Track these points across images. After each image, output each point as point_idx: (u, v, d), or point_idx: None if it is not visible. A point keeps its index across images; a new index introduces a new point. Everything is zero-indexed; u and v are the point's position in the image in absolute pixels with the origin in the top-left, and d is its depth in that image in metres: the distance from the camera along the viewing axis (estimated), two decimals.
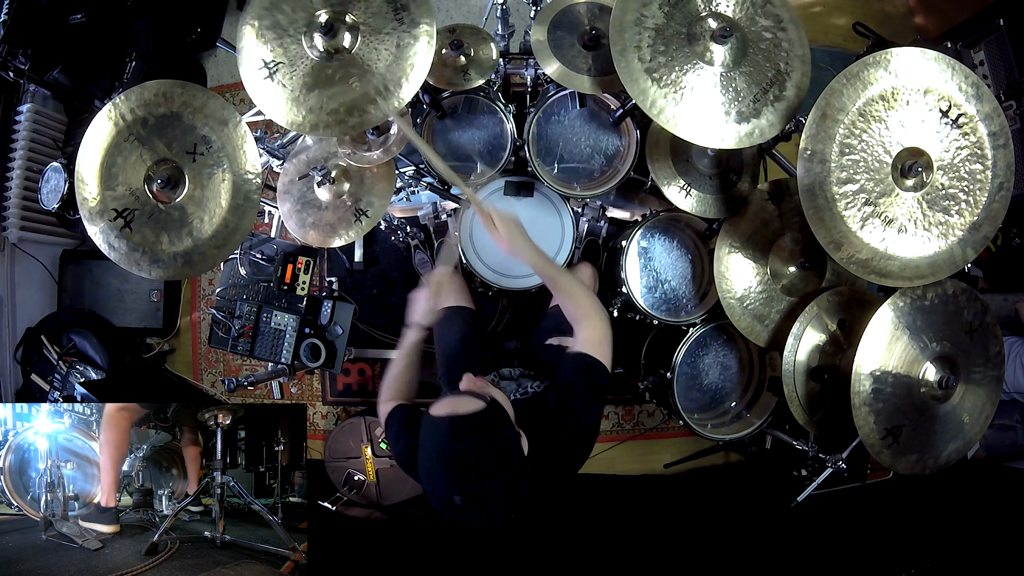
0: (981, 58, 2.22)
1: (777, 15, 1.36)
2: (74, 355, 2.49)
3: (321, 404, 2.68)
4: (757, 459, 2.33)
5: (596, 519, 2.24)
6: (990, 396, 1.52)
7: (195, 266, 1.44)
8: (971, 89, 1.28)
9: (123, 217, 1.41)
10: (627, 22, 1.31)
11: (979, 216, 1.31)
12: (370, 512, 2.38)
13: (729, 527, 2.21)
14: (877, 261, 1.30)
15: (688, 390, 1.86)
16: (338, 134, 1.32)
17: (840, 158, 1.26)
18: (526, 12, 1.76)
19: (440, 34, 1.64)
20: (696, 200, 1.64)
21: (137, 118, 1.40)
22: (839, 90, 1.25)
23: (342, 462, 2.38)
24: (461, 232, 1.76)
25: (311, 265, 1.97)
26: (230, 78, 2.81)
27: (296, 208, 1.63)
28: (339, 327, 1.94)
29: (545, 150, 1.73)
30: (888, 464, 1.46)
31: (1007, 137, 1.30)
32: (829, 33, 2.75)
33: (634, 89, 1.29)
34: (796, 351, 1.57)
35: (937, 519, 2.00)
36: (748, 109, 1.32)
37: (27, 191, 2.41)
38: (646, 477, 2.59)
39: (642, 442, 2.62)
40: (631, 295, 1.75)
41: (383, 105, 1.30)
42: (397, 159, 1.62)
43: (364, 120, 1.31)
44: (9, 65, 2.20)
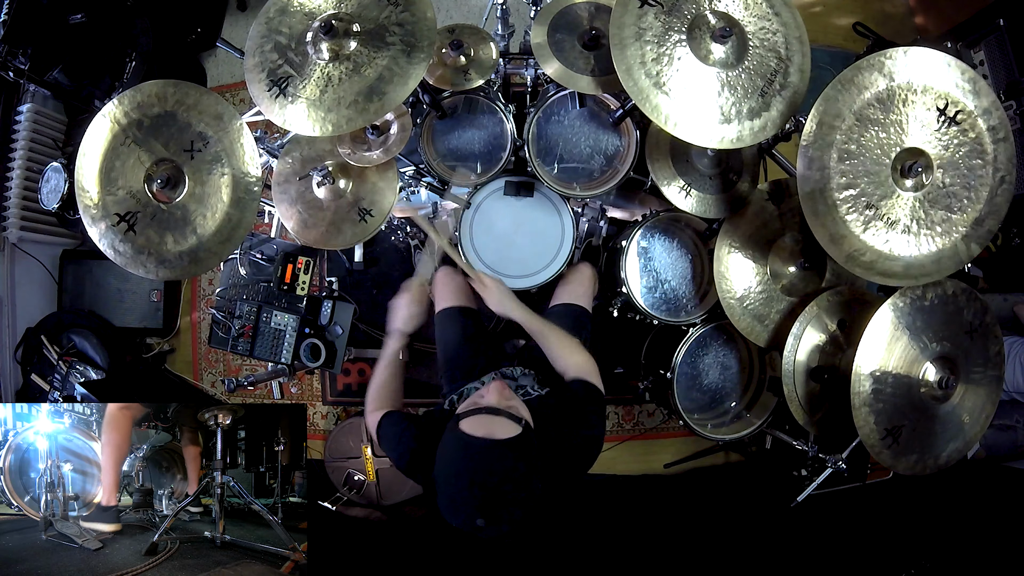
0: (981, 58, 2.22)
1: (770, 1, 1.36)
2: (74, 355, 2.49)
3: (321, 404, 2.68)
4: (757, 459, 2.33)
5: (596, 519, 2.24)
6: (990, 396, 1.52)
7: (202, 264, 1.44)
8: (967, 85, 1.27)
9: (126, 220, 1.41)
10: (627, 38, 1.30)
11: (982, 211, 1.31)
12: (370, 512, 2.38)
13: (729, 527, 2.21)
14: (881, 262, 1.29)
15: (688, 390, 1.86)
16: (362, 124, 1.32)
17: (839, 164, 1.26)
18: (526, 12, 1.76)
19: (440, 34, 1.64)
20: (696, 200, 1.63)
21: (132, 120, 1.40)
22: (834, 97, 1.25)
23: (342, 462, 2.38)
24: (461, 232, 1.76)
25: (311, 265, 1.97)
26: (230, 78, 2.82)
27: (297, 209, 1.63)
28: (339, 327, 1.94)
29: (545, 150, 1.73)
30: (888, 464, 1.46)
31: (1007, 130, 1.29)
32: (829, 33, 2.75)
33: (647, 107, 1.29)
34: (796, 351, 1.57)
35: (937, 519, 2.00)
36: (758, 104, 1.32)
37: (27, 191, 2.42)
38: (646, 477, 2.59)
39: (642, 442, 2.62)
40: (631, 295, 1.75)
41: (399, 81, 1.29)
42: (397, 159, 1.62)
43: (385, 102, 1.29)
44: (9, 65, 2.20)
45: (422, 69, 1.30)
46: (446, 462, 1.01)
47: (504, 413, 1.03)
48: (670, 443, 2.62)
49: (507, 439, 0.98)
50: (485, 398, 1.08)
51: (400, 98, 1.30)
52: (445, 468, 1.00)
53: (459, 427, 1.01)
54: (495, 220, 1.77)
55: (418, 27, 1.31)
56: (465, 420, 1.02)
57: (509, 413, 1.03)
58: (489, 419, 1.01)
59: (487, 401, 1.07)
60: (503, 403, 1.06)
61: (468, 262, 1.44)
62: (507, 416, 1.02)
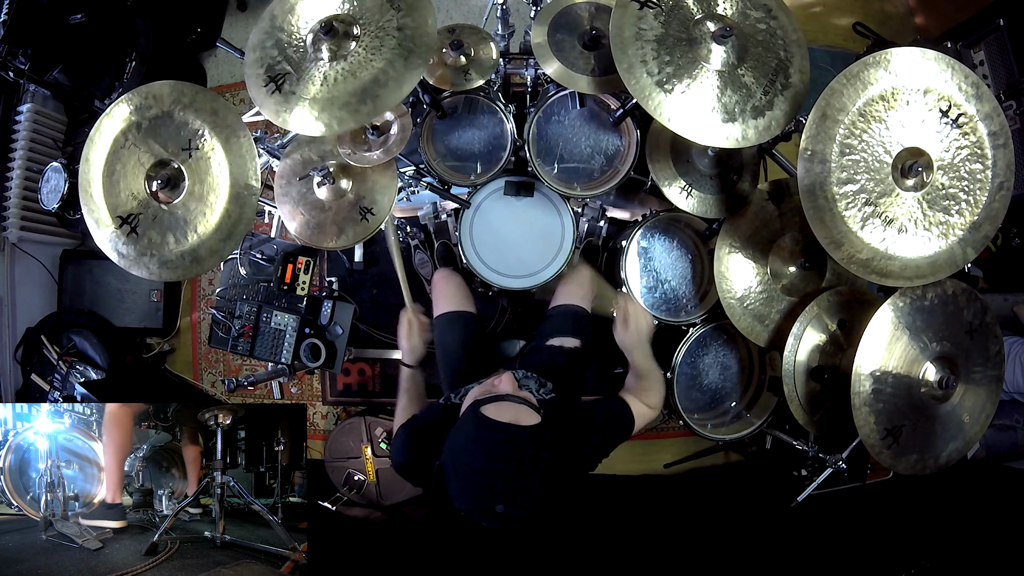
0: (981, 58, 2.22)
1: (766, 5, 1.37)
2: (74, 355, 2.49)
3: (321, 404, 2.68)
4: (757, 459, 2.33)
5: (596, 519, 2.24)
6: (990, 396, 1.52)
7: (204, 262, 1.43)
8: (971, 89, 1.28)
9: (128, 223, 1.41)
10: (627, 38, 1.30)
11: (979, 216, 1.31)
12: (370, 512, 2.39)
13: (729, 527, 2.21)
14: (877, 261, 1.30)
15: (688, 390, 1.86)
16: (353, 125, 1.31)
17: (840, 158, 1.26)
18: (526, 12, 1.76)
19: (440, 34, 1.64)
20: (696, 200, 1.63)
21: (131, 123, 1.41)
22: (839, 90, 1.25)
23: (342, 462, 2.38)
24: (461, 232, 1.76)
25: (311, 265, 1.96)
26: (230, 78, 2.82)
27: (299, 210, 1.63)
28: (339, 327, 1.94)
29: (545, 150, 1.73)
30: (888, 464, 1.46)
31: (1007, 137, 1.30)
32: (829, 33, 2.75)
33: (650, 105, 1.29)
34: (796, 351, 1.57)
35: (937, 519, 2.00)
36: (761, 103, 1.32)
37: (27, 191, 2.42)
38: (646, 477, 2.59)
39: (642, 442, 2.62)
40: (631, 295, 1.75)
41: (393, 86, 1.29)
42: (397, 159, 1.62)
43: (377, 105, 1.29)
44: (9, 65, 2.20)
45: (418, 74, 1.30)
46: (464, 446, 1.00)
47: (524, 402, 1.04)
48: (670, 443, 2.61)
49: (531, 426, 0.99)
50: (499, 387, 1.08)
51: (393, 102, 1.30)
52: (463, 453, 1.00)
53: (481, 412, 1.00)
54: (495, 220, 1.77)
55: (418, 32, 1.31)
56: (487, 406, 1.01)
57: (528, 402, 1.04)
58: (513, 406, 1.02)
59: (503, 389, 1.07)
60: (518, 393, 1.07)
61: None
62: (527, 405, 1.03)
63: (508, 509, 0.96)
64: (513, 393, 1.05)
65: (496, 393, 1.05)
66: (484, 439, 0.98)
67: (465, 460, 0.99)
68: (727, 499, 2.45)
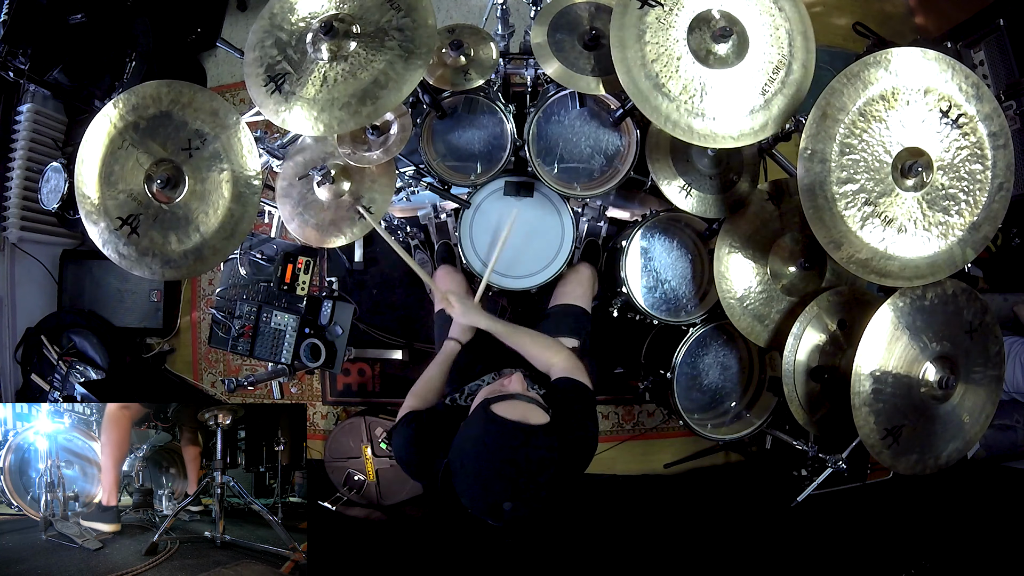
0: (981, 58, 2.22)
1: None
2: (74, 355, 2.49)
3: (321, 404, 2.68)
4: (757, 459, 2.33)
5: (596, 519, 2.24)
6: (990, 396, 1.52)
7: (207, 261, 1.44)
8: (971, 89, 1.28)
9: (128, 224, 1.41)
10: (627, 39, 1.30)
11: (979, 216, 1.31)
12: (370, 512, 2.39)
13: (729, 527, 2.21)
14: (877, 261, 1.30)
15: (688, 390, 1.86)
16: (353, 126, 1.31)
17: (840, 158, 1.26)
18: (526, 12, 1.76)
19: (440, 34, 1.64)
20: (696, 200, 1.63)
21: (128, 123, 1.40)
22: (839, 90, 1.25)
23: (342, 462, 2.38)
24: (461, 232, 1.76)
25: (311, 265, 1.96)
26: (230, 78, 2.81)
27: (297, 210, 1.63)
28: (339, 327, 1.94)
29: (545, 150, 1.73)
30: (888, 464, 1.46)
31: (1007, 137, 1.30)
32: (829, 33, 2.75)
33: (647, 108, 1.29)
34: (796, 351, 1.57)
35: (937, 519, 2.00)
36: (761, 103, 1.32)
37: (27, 191, 2.41)
38: (646, 477, 2.59)
39: (642, 442, 2.62)
40: (631, 295, 1.75)
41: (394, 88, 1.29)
42: (397, 159, 1.62)
43: (378, 106, 1.29)
44: (9, 65, 2.20)
45: (418, 75, 1.30)
46: (474, 444, 1.01)
47: (534, 401, 1.05)
48: (670, 443, 2.62)
49: (542, 425, 1.00)
50: (509, 386, 1.10)
51: (393, 103, 1.30)
52: (472, 450, 1.00)
53: (491, 410, 1.01)
54: (495, 220, 1.77)
55: (418, 33, 1.30)
56: (497, 404, 1.02)
57: (538, 401, 1.05)
58: (524, 405, 1.03)
59: (513, 388, 1.08)
60: (528, 392, 1.08)
61: (430, 276, 1.55)
62: (537, 404, 1.04)
63: (515, 507, 0.96)
64: (523, 393, 1.07)
65: (506, 392, 1.07)
66: (494, 437, 0.99)
67: (474, 458, 1.00)
68: (727, 499, 2.45)
